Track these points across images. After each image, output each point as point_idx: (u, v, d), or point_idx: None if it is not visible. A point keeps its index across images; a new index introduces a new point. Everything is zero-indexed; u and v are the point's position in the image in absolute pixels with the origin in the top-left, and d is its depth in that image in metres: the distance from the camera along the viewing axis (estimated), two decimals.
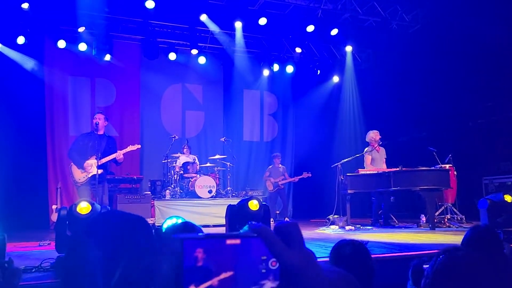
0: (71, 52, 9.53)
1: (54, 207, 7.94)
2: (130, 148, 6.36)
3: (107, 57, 9.77)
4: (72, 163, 6.07)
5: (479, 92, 8.56)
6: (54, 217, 7.35)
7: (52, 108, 9.70)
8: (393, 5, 9.63)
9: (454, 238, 5.15)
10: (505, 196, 5.58)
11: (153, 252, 0.83)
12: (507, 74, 7.85)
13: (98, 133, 6.06)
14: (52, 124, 9.67)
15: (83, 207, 3.31)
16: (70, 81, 9.95)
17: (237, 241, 0.59)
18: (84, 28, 9.19)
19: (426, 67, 9.54)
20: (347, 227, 6.89)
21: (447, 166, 7.50)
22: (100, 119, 6.09)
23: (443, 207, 7.55)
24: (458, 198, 7.76)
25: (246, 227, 0.63)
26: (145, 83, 10.54)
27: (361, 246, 1.96)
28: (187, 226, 1.81)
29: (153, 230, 0.96)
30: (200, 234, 0.59)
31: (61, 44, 9.27)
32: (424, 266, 1.66)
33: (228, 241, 0.59)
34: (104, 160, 6.00)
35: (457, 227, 6.80)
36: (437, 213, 7.30)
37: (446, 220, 7.14)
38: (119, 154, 6.04)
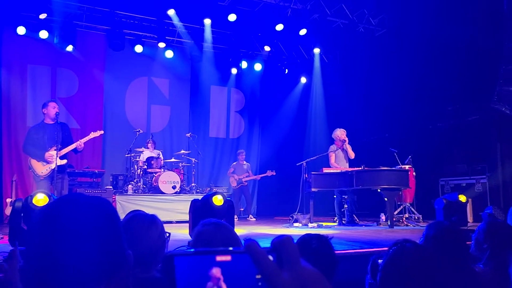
0: (31, 39, 9.14)
1: (8, 200, 7.59)
2: (93, 135, 6.17)
3: (69, 48, 9.44)
4: (30, 158, 5.81)
5: (440, 96, 8.88)
6: (8, 210, 7.02)
7: (9, 97, 9.28)
8: (360, 8, 9.83)
9: (412, 236, 5.32)
10: (459, 196, 5.84)
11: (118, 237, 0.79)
12: (466, 80, 8.18)
13: (51, 122, 5.79)
14: (8, 114, 9.25)
15: (40, 199, 3.17)
16: (29, 70, 9.55)
17: (228, 258, 0.56)
18: (46, 14, 8.83)
19: (390, 70, 9.80)
20: (310, 225, 6.99)
21: (407, 166, 7.73)
22: (56, 107, 5.85)
23: (401, 207, 7.79)
24: (416, 198, 8.03)
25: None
26: (109, 74, 10.27)
27: (326, 240, 2.00)
28: (148, 218, 1.78)
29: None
30: (191, 250, 0.57)
31: (21, 30, 8.86)
32: (379, 261, 1.70)
33: (218, 258, 0.56)
34: (65, 150, 5.79)
35: (414, 226, 7.04)
36: (396, 212, 7.51)
37: (404, 219, 7.37)
38: (80, 143, 5.83)
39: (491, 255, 2.26)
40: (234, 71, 11.52)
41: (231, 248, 0.58)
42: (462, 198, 5.87)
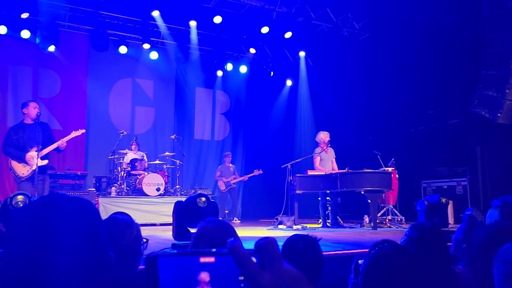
0: (12, 39, 8.97)
1: None
2: (74, 133, 6.07)
3: (51, 48, 9.30)
4: (10, 159, 5.69)
5: (422, 100, 9.02)
6: None
7: None
8: (344, 13, 9.93)
9: (394, 237, 5.38)
10: (441, 198, 5.93)
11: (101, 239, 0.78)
12: (447, 85, 8.33)
13: (31, 122, 5.68)
14: None
15: (20, 201, 3.11)
16: (10, 70, 9.36)
17: (211, 259, 0.57)
18: (28, 14, 8.68)
19: (374, 74, 9.92)
20: (295, 227, 7.00)
21: (390, 169, 7.82)
22: (37, 107, 5.74)
23: (385, 209, 7.87)
24: (399, 200, 8.13)
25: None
26: (93, 75, 10.14)
27: (313, 241, 2.01)
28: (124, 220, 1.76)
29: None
30: (174, 251, 0.57)
31: (2, 30, 8.69)
32: (360, 261, 1.71)
33: (202, 259, 0.56)
34: (46, 150, 5.68)
35: (397, 228, 7.12)
36: (379, 214, 7.59)
37: (387, 220, 7.45)
38: (62, 142, 5.73)
39: (470, 256, 2.29)
40: (219, 73, 11.50)
41: (214, 250, 0.58)
42: (443, 200, 5.97)
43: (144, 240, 1.78)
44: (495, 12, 7.16)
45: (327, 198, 7.81)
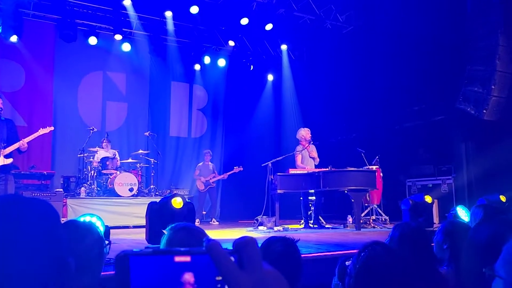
0: None
1: None
2: (42, 131, 5.91)
3: (14, 39, 9.05)
4: None
5: (406, 96, 9.16)
6: None
7: None
8: (327, 4, 9.99)
9: (379, 238, 5.45)
10: (426, 197, 6.04)
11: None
12: (432, 80, 8.48)
13: None
14: None
15: None
16: None
17: (187, 258, 0.56)
18: None
19: (357, 69, 10.02)
20: (276, 228, 7.01)
21: (374, 167, 7.91)
22: (0, 102, 5.57)
23: (369, 208, 7.96)
24: (383, 199, 8.24)
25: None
26: (60, 68, 9.93)
27: (292, 243, 2.01)
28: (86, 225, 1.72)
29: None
30: (147, 249, 0.55)
31: None
32: (347, 263, 1.72)
33: (177, 258, 0.55)
34: (10, 149, 5.52)
35: (381, 228, 7.21)
36: (363, 214, 7.67)
37: (371, 221, 7.54)
38: (23, 143, 5.56)
39: (452, 256, 2.33)
40: (197, 67, 11.43)
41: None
42: (428, 199, 6.07)
43: (107, 242, 1.74)
44: (479, 6, 7.32)
45: (310, 198, 7.85)
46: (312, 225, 7.61)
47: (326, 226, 7.62)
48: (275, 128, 12.29)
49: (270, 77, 12.29)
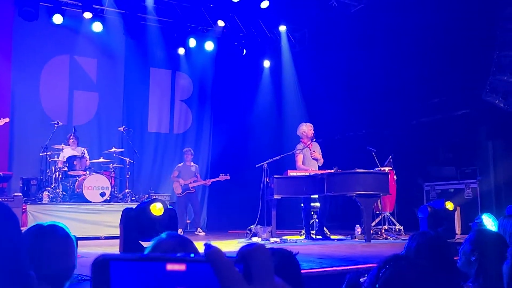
0: None
1: None
2: None
3: None
4: None
5: (425, 87, 9.18)
6: None
7: None
8: None
9: (392, 251, 5.47)
10: (446, 203, 6.05)
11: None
12: (455, 69, 8.49)
13: None
14: None
15: None
16: None
17: (182, 267, 0.54)
18: None
19: (368, 54, 10.03)
20: (272, 239, 7.02)
21: (387, 169, 7.93)
22: None
23: (380, 216, 7.99)
24: (397, 206, 8.27)
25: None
26: (19, 51, 9.87)
27: (291, 256, 2.00)
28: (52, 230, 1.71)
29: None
30: (131, 254, 0.54)
31: None
32: (361, 279, 1.72)
33: (170, 266, 0.53)
34: None
35: (395, 239, 7.24)
36: (373, 223, 7.70)
37: (383, 231, 7.57)
38: None
39: (480, 270, 2.34)
40: (180, 51, 11.40)
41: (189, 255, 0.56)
42: (450, 205, 6.09)
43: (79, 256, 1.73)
44: None
45: (313, 204, 7.86)
46: (315, 236, 7.62)
47: (331, 237, 7.63)
48: (273, 123, 12.28)
49: (266, 64, 12.27)
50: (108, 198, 8.44)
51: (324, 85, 11.03)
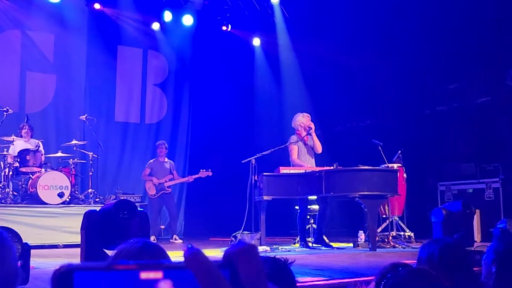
0: None
1: None
2: None
3: None
4: None
5: (441, 71, 9.22)
6: None
7: None
8: None
9: (401, 261, 5.50)
10: (464, 206, 6.09)
11: None
12: (475, 51, 8.52)
13: None
14: None
15: None
16: None
17: (158, 275, 0.54)
18: None
19: (374, 31, 10.04)
20: (261, 248, 7.03)
21: (396, 165, 7.97)
22: None
23: (387, 221, 8.03)
24: (407, 209, 8.32)
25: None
26: None
27: (284, 265, 2.00)
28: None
29: None
30: (99, 263, 0.54)
31: None
32: None
33: (144, 275, 0.54)
34: None
35: (404, 247, 7.28)
36: (379, 229, 7.74)
37: (390, 238, 7.61)
38: None
39: (498, 283, 2.35)
40: (154, 26, 11.35)
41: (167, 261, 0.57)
42: (468, 208, 6.13)
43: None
44: None
45: (310, 207, 7.87)
46: (311, 245, 7.64)
47: (330, 245, 7.65)
48: (262, 112, 12.27)
49: (256, 42, 12.24)
50: (68, 200, 8.41)
51: (321, 68, 11.03)
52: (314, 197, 7.65)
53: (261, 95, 12.39)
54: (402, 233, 8.01)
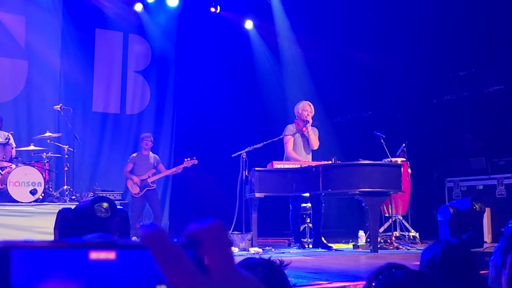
0: None
1: None
2: None
3: None
4: None
5: (449, 57, 9.23)
6: None
7: None
8: None
9: (404, 263, 5.51)
10: (474, 203, 6.12)
11: None
12: (486, 35, 8.53)
13: None
14: None
15: None
16: None
17: (110, 255, 0.53)
18: None
19: (376, 14, 10.04)
20: (252, 249, 7.04)
21: (399, 160, 7.99)
22: None
23: (390, 220, 8.06)
24: (412, 207, 8.34)
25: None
26: None
27: (278, 268, 2.00)
28: None
29: None
30: (42, 241, 0.52)
31: None
32: None
33: (94, 254, 0.52)
34: None
35: (408, 249, 7.31)
36: (381, 229, 7.76)
37: (394, 238, 7.63)
38: None
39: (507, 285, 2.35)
40: (137, 7, 11.31)
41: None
42: (477, 206, 6.16)
43: None
44: None
45: (304, 205, 7.87)
46: (307, 246, 7.66)
47: (328, 246, 7.66)
48: (253, 101, 12.26)
49: (248, 25, 12.21)
50: (41, 197, 8.38)
51: (319, 54, 11.02)
52: (307, 195, 7.66)
53: (254, 84, 12.37)
54: (406, 233, 8.04)
